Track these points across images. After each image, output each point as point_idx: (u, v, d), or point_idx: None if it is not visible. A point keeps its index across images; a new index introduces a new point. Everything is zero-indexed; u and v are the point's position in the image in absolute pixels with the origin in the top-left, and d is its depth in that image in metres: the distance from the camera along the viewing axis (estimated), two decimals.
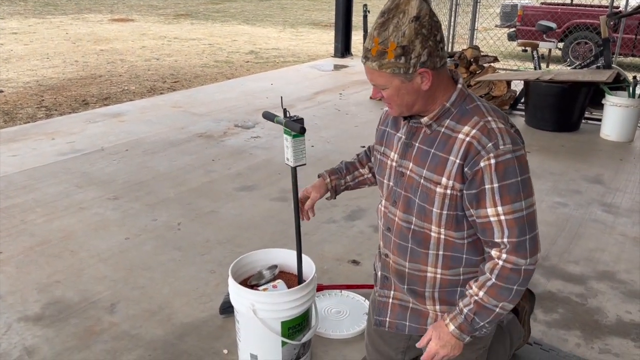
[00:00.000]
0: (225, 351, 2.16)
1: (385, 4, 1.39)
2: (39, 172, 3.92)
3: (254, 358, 1.96)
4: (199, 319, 2.35)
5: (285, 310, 1.86)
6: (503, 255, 1.42)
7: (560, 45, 9.46)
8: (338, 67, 8.23)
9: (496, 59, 6.19)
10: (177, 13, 16.64)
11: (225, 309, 2.36)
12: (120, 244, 2.97)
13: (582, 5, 9.92)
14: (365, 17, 8.16)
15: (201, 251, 2.92)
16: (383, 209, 1.66)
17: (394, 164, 1.58)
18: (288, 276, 2.07)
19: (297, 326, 1.92)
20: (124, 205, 3.44)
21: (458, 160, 1.42)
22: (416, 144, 1.52)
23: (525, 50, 7.85)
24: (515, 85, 6.09)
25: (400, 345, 1.78)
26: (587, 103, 5.20)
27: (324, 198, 1.91)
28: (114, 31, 12.46)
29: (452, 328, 1.50)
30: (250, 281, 2.03)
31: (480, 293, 1.45)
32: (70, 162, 4.13)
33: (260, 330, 1.87)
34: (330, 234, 3.13)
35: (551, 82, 5.01)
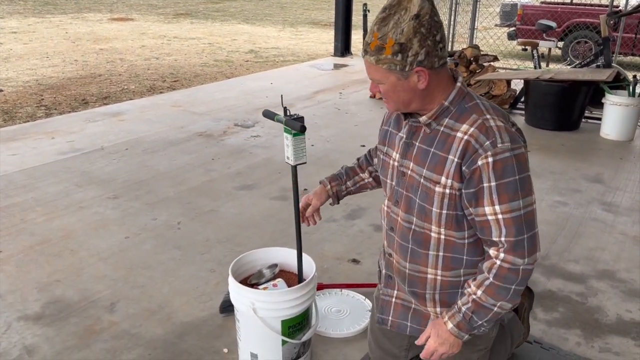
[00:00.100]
0: (226, 350, 2.16)
1: None
2: (38, 171, 3.92)
3: (254, 357, 1.96)
4: (199, 318, 2.35)
5: (286, 309, 1.86)
6: (501, 254, 1.41)
7: (560, 44, 9.46)
8: (338, 67, 8.22)
9: (496, 58, 6.19)
10: (177, 12, 16.63)
11: (225, 308, 2.35)
12: (120, 243, 2.97)
13: (582, 4, 9.92)
14: (365, 17, 8.16)
15: (201, 250, 2.91)
16: (386, 208, 1.66)
17: (395, 163, 1.58)
18: (288, 275, 2.07)
19: (298, 325, 1.91)
20: (123, 204, 3.44)
21: (456, 159, 1.41)
22: (416, 144, 1.51)
23: (525, 49, 7.85)
24: (515, 85, 6.09)
25: (403, 342, 1.79)
26: (587, 102, 5.19)
27: (326, 203, 1.92)
28: (114, 30, 12.45)
29: (451, 326, 1.50)
30: (251, 280, 2.03)
31: (479, 292, 1.44)
32: (70, 161, 4.13)
33: (260, 329, 1.87)
34: (331, 233, 3.13)
35: (551, 81, 5.00)
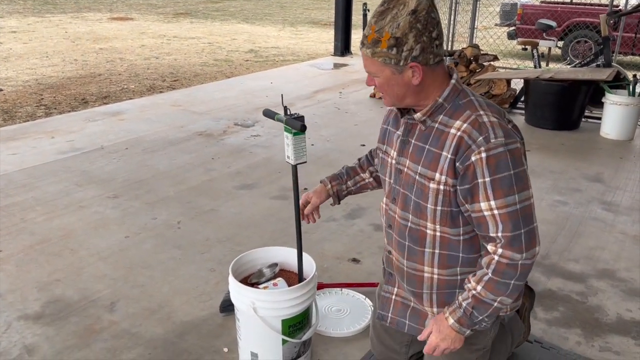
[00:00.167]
0: (226, 349, 2.16)
1: None
2: (38, 171, 3.92)
3: (254, 356, 1.96)
4: (199, 318, 2.35)
5: (286, 308, 1.86)
6: (498, 250, 1.41)
7: (560, 43, 9.46)
8: (338, 66, 8.22)
9: (496, 58, 6.19)
10: (177, 12, 16.62)
11: (225, 307, 2.35)
12: (120, 243, 2.97)
13: (582, 3, 9.92)
14: (365, 16, 8.17)
15: (201, 250, 2.91)
16: (385, 206, 1.67)
17: (393, 161, 1.59)
18: (288, 274, 2.06)
19: (298, 324, 1.91)
20: (123, 203, 3.44)
21: (450, 155, 1.42)
22: (412, 141, 1.52)
23: (525, 49, 7.85)
24: (515, 84, 6.09)
25: (404, 339, 1.81)
26: (587, 101, 5.19)
27: (327, 203, 1.92)
28: (113, 30, 12.45)
29: (452, 322, 1.50)
30: (251, 279, 2.03)
31: (478, 287, 1.45)
32: (70, 161, 4.13)
33: (260, 329, 1.87)
34: (331, 232, 3.13)
35: (551, 81, 5.00)
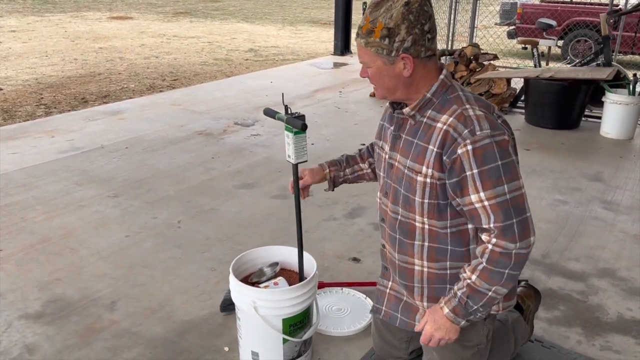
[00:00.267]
0: (226, 349, 2.16)
1: None
2: (38, 170, 3.92)
3: (255, 355, 1.95)
4: (200, 317, 2.35)
5: (287, 307, 1.86)
6: (492, 239, 1.42)
7: (560, 43, 9.46)
8: (337, 65, 8.22)
9: (496, 57, 6.18)
10: (176, 11, 16.61)
11: (225, 306, 2.35)
12: (121, 242, 2.96)
13: (582, 3, 9.92)
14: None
15: (201, 249, 2.91)
16: (379, 200, 1.71)
17: (386, 156, 1.63)
18: (289, 273, 2.06)
19: (299, 323, 1.91)
20: (124, 203, 3.43)
21: (436, 149, 1.45)
22: (403, 136, 1.56)
23: (525, 48, 7.85)
24: (515, 83, 6.08)
25: (404, 334, 1.83)
26: (587, 101, 5.19)
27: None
28: (113, 29, 12.44)
29: (447, 311, 1.51)
30: (252, 278, 2.03)
31: (473, 277, 1.46)
32: (70, 160, 4.12)
33: (261, 328, 1.87)
34: (331, 231, 3.12)
35: (551, 80, 5.00)
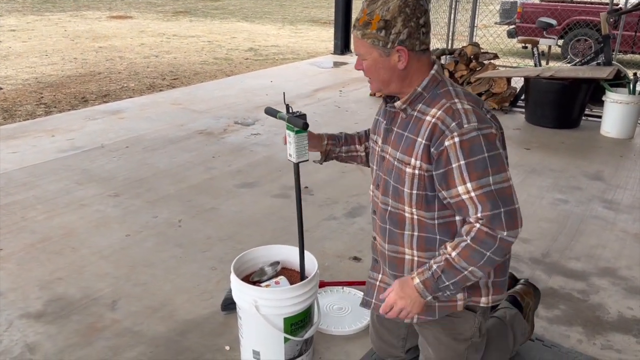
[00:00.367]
0: (228, 348, 2.16)
1: None
2: (39, 169, 3.92)
3: (256, 354, 1.96)
4: (201, 316, 2.35)
5: (288, 306, 1.86)
6: (480, 221, 1.44)
7: (560, 42, 9.45)
8: (338, 64, 8.21)
9: (496, 56, 6.18)
10: (176, 10, 16.60)
11: (226, 305, 2.35)
12: (122, 241, 2.96)
13: (582, 2, 9.91)
14: None
15: (202, 248, 2.91)
16: (371, 193, 1.74)
17: (378, 149, 1.67)
18: (290, 272, 2.06)
19: (300, 322, 1.91)
20: (124, 202, 3.43)
21: (424, 141, 1.48)
22: (395, 129, 1.60)
23: (526, 47, 7.84)
24: (516, 82, 6.08)
25: (400, 332, 1.86)
26: (588, 100, 5.19)
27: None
28: (113, 28, 12.43)
29: (417, 281, 1.52)
30: (253, 277, 2.03)
31: (453, 253, 1.47)
32: (71, 159, 4.12)
33: (262, 327, 1.87)
34: (331, 230, 3.13)
35: (551, 79, 5.00)
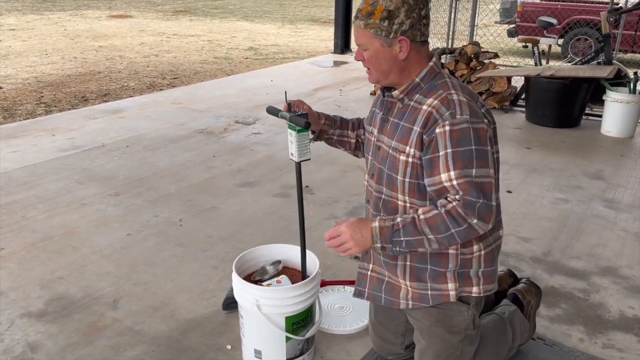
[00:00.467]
0: (229, 347, 2.16)
1: None
2: (39, 168, 3.91)
3: (258, 353, 1.96)
4: (202, 315, 2.35)
5: (290, 305, 1.86)
6: (458, 201, 1.45)
7: (560, 41, 9.45)
8: (338, 64, 8.21)
9: (496, 55, 6.18)
10: (176, 9, 16.59)
11: (228, 304, 2.35)
12: (122, 240, 2.96)
13: (582, 1, 9.91)
14: None
15: (203, 247, 2.91)
16: (365, 183, 1.76)
17: (374, 139, 1.70)
18: (292, 271, 2.06)
19: (301, 321, 1.91)
20: (125, 201, 3.43)
21: (419, 129, 1.51)
22: (391, 119, 1.62)
23: (526, 46, 7.84)
24: (516, 82, 6.08)
25: (399, 329, 1.88)
26: (588, 99, 5.19)
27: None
28: (113, 27, 12.42)
29: (375, 225, 1.52)
30: (254, 277, 2.03)
31: (422, 215, 1.48)
32: (71, 159, 4.12)
33: (264, 326, 1.87)
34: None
35: (552, 78, 5.00)
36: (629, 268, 2.78)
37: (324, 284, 2.50)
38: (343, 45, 8.91)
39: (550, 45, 6.93)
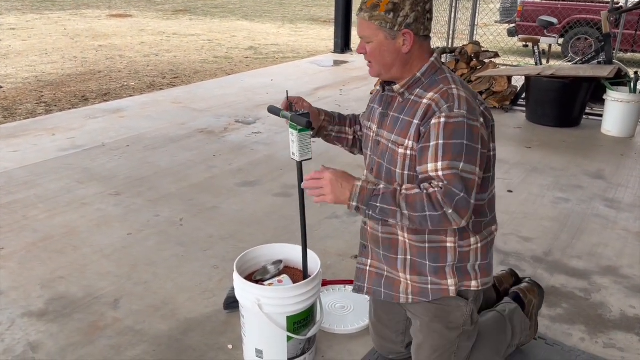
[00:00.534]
0: (230, 346, 2.16)
1: None
2: (40, 168, 3.91)
3: (259, 353, 1.96)
4: (203, 315, 2.35)
5: (291, 305, 1.86)
6: (440, 189, 1.45)
7: (561, 41, 9.45)
8: (338, 63, 8.21)
9: (497, 55, 6.18)
10: (176, 9, 16.59)
11: (229, 304, 2.35)
12: (123, 240, 2.96)
13: (582, 0, 9.90)
14: None
15: (204, 247, 2.91)
16: (364, 178, 1.75)
17: (373, 134, 1.70)
18: (293, 271, 2.06)
19: (303, 321, 1.91)
20: (126, 201, 3.43)
21: (417, 121, 1.52)
22: (391, 113, 1.63)
23: (526, 46, 7.84)
24: (516, 81, 6.08)
25: (399, 327, 1.88)
26: (588, 98, 5.19)
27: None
28: (113, 27, 12.42)
29: (358, 184, 1.52)
30: (255, 276, 2.03)
31: (404, 191, 1.49)
32: (72, 158, 4.12)
33: (265, 325, 1.87)
34: (334, 229, 3.12)
35: (552, 78, 5.00)
36: (629, 268, 2.78)
37: (325, 283, 2.49)
38: (343, 44, 8.91)
39: (550, 45, 6.93)
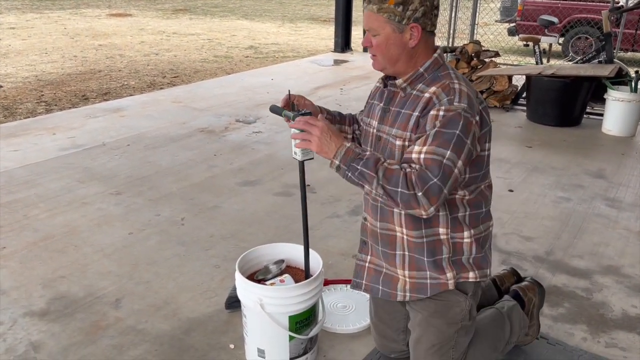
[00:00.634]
0: (232, 346, 2.15)
1: None
2: (40, 167, 3.91)
3: (261, 353, 1.95)
4: (205, 314, 2.35)
5: (293, 304, 1.85)
6: (414, 171, 1.46)
7: (561, 40, 9.45)
8: (338, 62, 8.20)
9: (497, 54, 6.18)
10: (176, 8, 16.58)
11: (230, 303, 2.35)
12: (124, 239, 2.96)
13: (583, 0, 9.90)
14: None
15: (205, 246, 2.91)
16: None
17: (373, 130, 1.70)
18: (295, 271, 2.06)
19: (305, 320, 1.91)
20: (126, 200, 3.43)
21: (417, 114, 1.53)
22: (392, 108, 1.64)
23: (527, 45, 7.84)
24: (517, 80, 6.08)
25: (400, 325, 1.89)
26: (589, 98, 5.19)
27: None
28: (112, 26, 12.42)
29: (346, 144, 1.53)
30: (257, 276, 2.02)
31: (386, 162, 1.51)
32: (72, 157, 4.12)
33: (267, 325, 1.87)
34: (335, 228, 3.12)
35: (553, 77, 5.00)
36: (631, 267, 2.78)
37: (326, 282, 2.49)
38: (343, 43, 8.91)
39: (551, 44, 6.93)
